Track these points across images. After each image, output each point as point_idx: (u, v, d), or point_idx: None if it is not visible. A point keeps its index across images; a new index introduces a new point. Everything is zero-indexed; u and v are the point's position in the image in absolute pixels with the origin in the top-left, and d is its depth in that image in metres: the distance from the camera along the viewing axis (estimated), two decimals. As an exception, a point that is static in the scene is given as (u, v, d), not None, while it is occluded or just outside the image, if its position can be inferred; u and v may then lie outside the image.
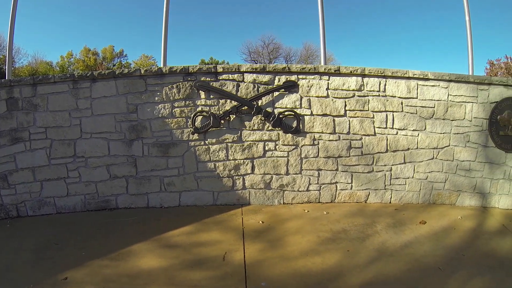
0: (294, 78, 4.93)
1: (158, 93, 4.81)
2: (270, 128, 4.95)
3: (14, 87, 4.65)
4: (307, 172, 5.06)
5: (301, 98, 4.96)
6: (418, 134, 5.06)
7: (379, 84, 4.99)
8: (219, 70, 4.89)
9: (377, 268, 3.49)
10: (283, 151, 5.01)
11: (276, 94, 4.93)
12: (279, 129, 4.96)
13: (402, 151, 5.08)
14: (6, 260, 3.60)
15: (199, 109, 4.87)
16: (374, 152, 5.07)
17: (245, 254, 3.72)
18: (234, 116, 4.90)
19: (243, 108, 4.89)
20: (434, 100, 5.03)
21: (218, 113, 4.87)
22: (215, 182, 5.00)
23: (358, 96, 4.99)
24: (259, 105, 4.90)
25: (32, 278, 3.26)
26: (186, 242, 3.98)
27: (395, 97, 5.02)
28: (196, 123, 4.87)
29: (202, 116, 4.87)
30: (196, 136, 4.89)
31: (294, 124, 4.95)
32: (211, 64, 20.37)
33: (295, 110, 4.95)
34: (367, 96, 5.00)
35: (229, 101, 4.89)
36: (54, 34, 48.29)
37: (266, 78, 4.91)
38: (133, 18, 50.83)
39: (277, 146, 5.00)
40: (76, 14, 47.23)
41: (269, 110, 4.91)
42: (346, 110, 5.00)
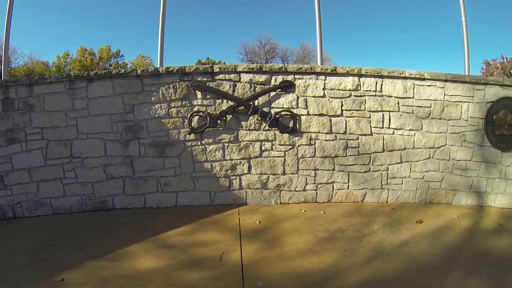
0: (290, 78, 4.94)
1: (155, 93, 4.80)
2: (266, 128, 4.95)
3: (10, 87, 4.63)
4: (304, 172, 5.06)
5: (297, 98, 4.96)
6: (415, 134, 5.08)
7: (376, 84, 5.00)
8: (216, 70, 4.88)
9: (374, 267, 3.50)
10: (280, 151, 5.01)
11: (272, 94, 4.94)
12: (276, 129, 4.96)
13: (398, 151, 5.10)
14: (3, 261, 3.58)
15: (196, 109, 4.87)
16: (371, 151, 5.08)
17: (242, 254, 3.72)
18: (231, 116, 4.90)
19: (240, 108, 4.88)
20: (431, 100, 5.05)
21: (214, 113, 4.86)
22: (212, 182, 5.00)
23: (355, 96, 5.00)
24: (256, 105, 4.90)
25: (28, 280, 3.24)
26: (183, 243, 3.97)
27: (392, 97, 5.03)
28: (192, 123, 4.87)
29: (198, 116, 4.87)
30: (192, 136, 4.89)
31: (291, 124, 4.95)
32: (208, 64, 20.37)
33: (292, 110, 4.95)
34: (364, 96, 5.01)
35: (225, 101, 4.88)
36: (51, 34, 48.09)
37: (262, 78, 4.91)
38: (129, 18, 50.71)
39: (273, 146, 5.00)
40: (72, 14, 47.08)
41: (265, 110, 4.92)
42: (342, 110, 5.01)
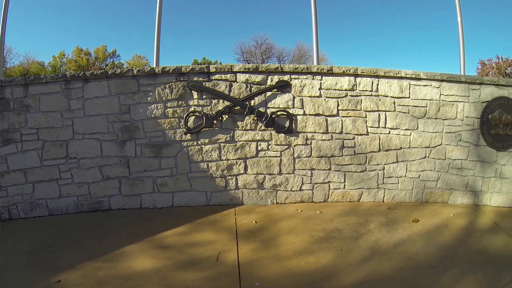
0: (286, 78, 4.94)
1: (151, 93, 4.79)
2: (262, 128, 4.95)
3: (5, 88, 4.60)
4: (300, 171, 5.07)
5: (293, 98, 4.97)
6: (411, 133, 5.10)
7: (372, 84, 5.02)
8: (212, 70, 4.88)
9: (370, 266, 3.51)
10: (276, 151, 5.01)
11: (268, 94, 4.94)
12: (272, 129, 4.96)
13: (394, 150, 5.11)
14: (0, 262, 3.57)
15: (192, 109, 4.86)
16: (367, 151, 5.09)
17: (238, 254, 3.72)
18: (227, 116, 4.89)
19: (236, 108, 4.88)
20: (426, 99, 5.07)
21: (210, 113, 4.86)
22: (208, 182, 4.99)
23: (351, 95, 5.01)
24: (252, 105, 4.90)
25: (25, 281, 3.23)
26: (180, 243, 3.97)
27: (388, 96, 5.04)
28: (188, 123, 4.86)
29: (194, 116, 4.86)
30: (189, 136, 4.88)
31: (287, 124, 4.96)
32: (204, 64, 20.29)
33: (288, 110, 4.96)
34: (360, 95, 5.02)
35: (221, 101, 4.88)
36: (46, 34, 47.66)
37: (258, 78, 4.91)
38: (126, 18, 50.37)
39: (269, 146, 5.00)
40: (68, 14, 46.74)
41: (261, 110, 4.92)
42: (338, 110, 5.01)
